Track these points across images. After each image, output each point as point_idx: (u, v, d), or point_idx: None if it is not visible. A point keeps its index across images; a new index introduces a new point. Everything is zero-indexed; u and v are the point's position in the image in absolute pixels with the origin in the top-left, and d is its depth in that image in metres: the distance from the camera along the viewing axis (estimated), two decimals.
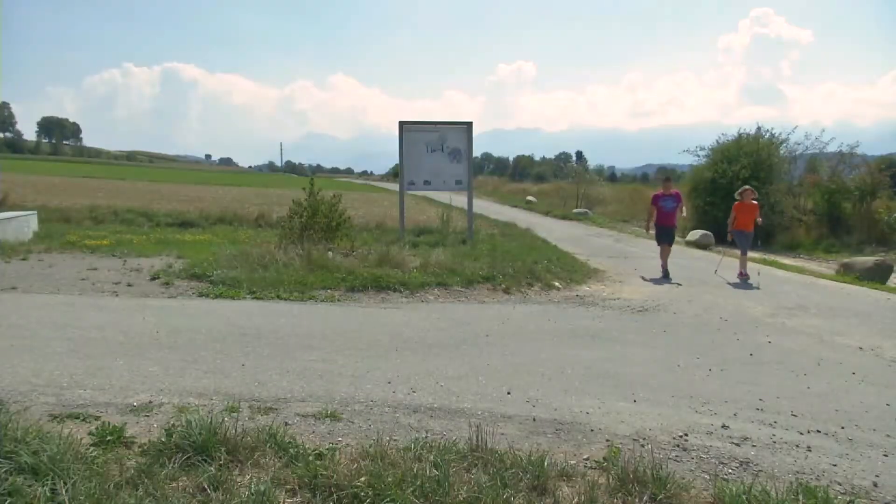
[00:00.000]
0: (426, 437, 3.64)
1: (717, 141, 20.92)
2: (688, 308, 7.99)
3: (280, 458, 3.19)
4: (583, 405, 4.35)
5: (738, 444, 3.79)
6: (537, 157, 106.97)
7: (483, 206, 24.56)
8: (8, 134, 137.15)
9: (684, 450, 3.67)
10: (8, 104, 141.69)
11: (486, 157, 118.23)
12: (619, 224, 22.59)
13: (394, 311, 7.17)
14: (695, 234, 17.19)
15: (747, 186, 11.49)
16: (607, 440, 3.75)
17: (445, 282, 8.36)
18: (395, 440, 3.58)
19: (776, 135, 20.27)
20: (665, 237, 11.11)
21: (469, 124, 12.71)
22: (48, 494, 2.68)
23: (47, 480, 2.75)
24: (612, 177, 63.34)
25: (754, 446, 3.78)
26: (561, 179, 40.46)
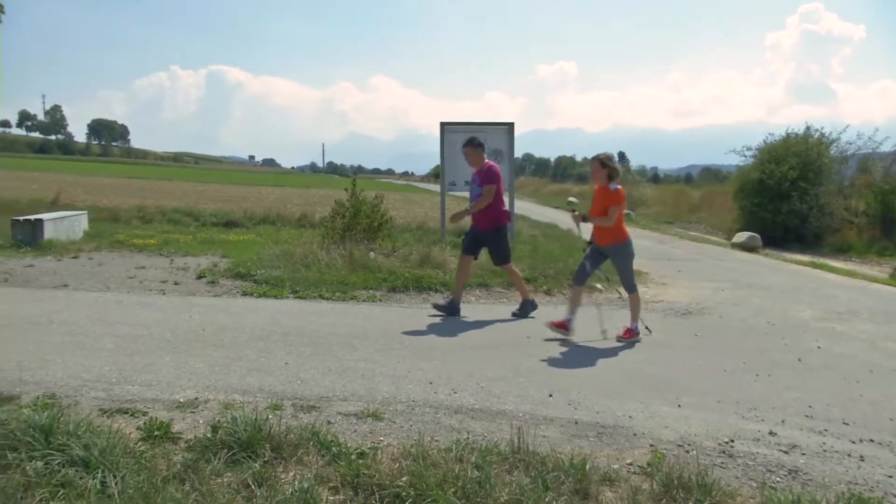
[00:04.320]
0: (467, 438, 3.64)
1: (764, 141, 20.47)
2: (734, 311, 7.84)
3: (323, 456, 3.22)
4: (626, 409, 4.29)
5: (786, 452, 3.70)
6: (578, 158, 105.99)
7: (524, 206, 24.49)
8: (59, 136, 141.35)
9: (730, 456, 3.60)
10: (60, 107, 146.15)
11: (527, 157, 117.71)
12: (663, 225, 22.29)
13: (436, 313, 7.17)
14: (741, 236, 16.87)
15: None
16: (651, 445, 3.70)
17: (486, 283, 8.35)
18: (436, 441, 3.58)
19: (826, 134, 19.76)
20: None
21: (510, 125, 12.68)
22: (98, 487, 2.75)
23: (97, 473, 2.82)
24: (654, 177, 62.61)
25: (804, 454, 3.68)
26: None
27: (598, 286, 8.69)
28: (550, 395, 4.50)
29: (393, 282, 8.07)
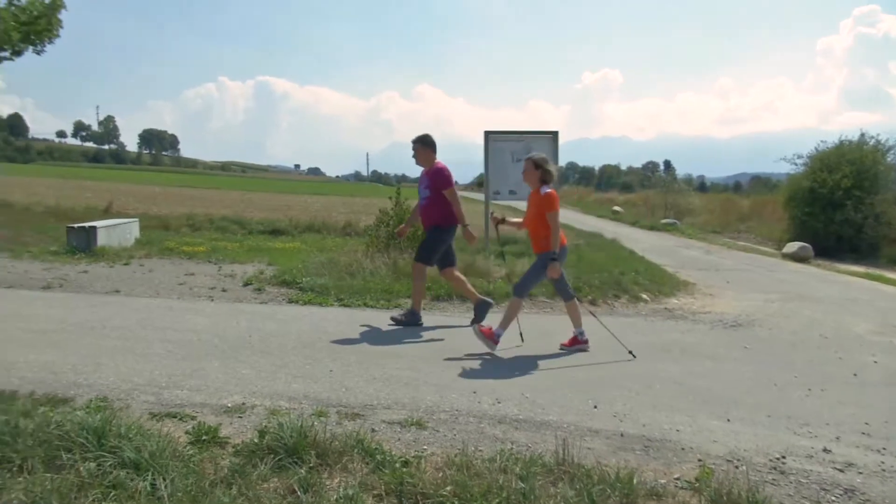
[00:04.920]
0: (511, 448, 3.61)
1: (816, 148, 19.92)
2: (785, 324, 7.65)
3: (367, 463, 3.23)
4: (673, 422, 4.22)
5: (841, 470, 3.58)
6: (623, 167, 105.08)
7: (568, 215, 24.30)
8: (112, 145, 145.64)
9: (782, 473, 3.50)
10: (112, 117, 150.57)
11: (571, 166, 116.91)
12: (710, 235, 21.90)
13: None
14: (792, 247, 16.47)
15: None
16: (699, 459, 3.62)
17: (531, 293, 8.28)
18: (480, 450, 3.57)
19: (882, 141, 19.16)
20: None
21: (555, 134, 12.62)
22: (148, 489, 2.81)
23: (147, 475, 2.88)
24: (701, 186, 61.55)
25: (860, 473, 3.56)
26: (648, 189, 39.62)
27: (644, 296, 8.57)
28: (595, 407, 4.45)
29: (437, 290, 8.09)
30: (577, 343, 6.07)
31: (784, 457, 3.71)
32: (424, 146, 7.02)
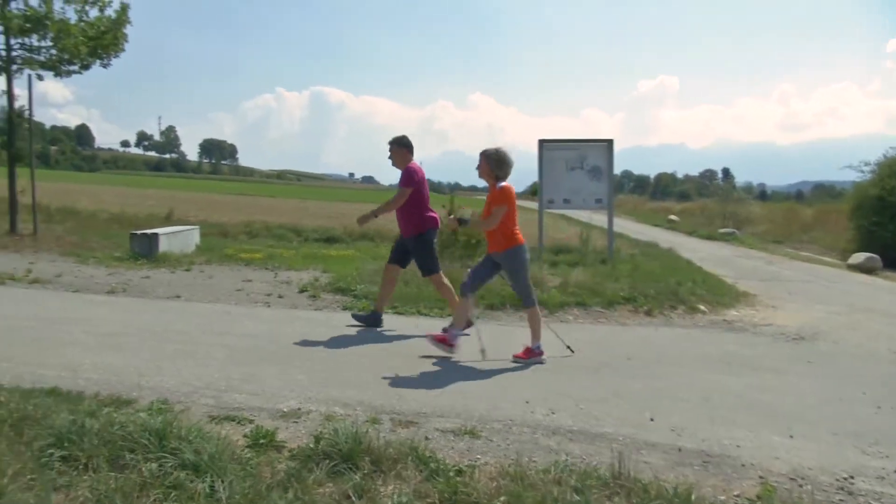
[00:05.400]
0: (566, 459, 3.57)
1: (884, 155, 19.22)
2: (851, 337, 7.38)
3: (421, 471, 3.23)
4: (732, 437, 4.10)
5: None
6: (680, 175, 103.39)
7: (623, 224, 24.00)
8: (174, 154, 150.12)
9: (850, 493, 3.37)
10: (174, 128, 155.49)
11: (626, 174, 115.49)
12: (771, 245, 21.32)
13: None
14: (858, 257, 15.89)
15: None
16: (760, 477, 3.52)
17: (585, 302, 8.20)
18: (534, 461, 3.53)
19: None
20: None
21: (610, 142, 12.50)
22: (207, 491, 2.86)
23: (206, 477, 2.94)
24: (761, 194, 60.06)
25: None
26: (705, 197, 38.84)
27: (702, 307, 8.38)
28: (652, 420, 4.36)
29: (490, 299, 8.06)
30: (531, 355, 5.79)
31: (852, 477, 3.57)
32: (399, 147, 6.98)
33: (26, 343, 5.62)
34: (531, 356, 5.78)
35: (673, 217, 32.84)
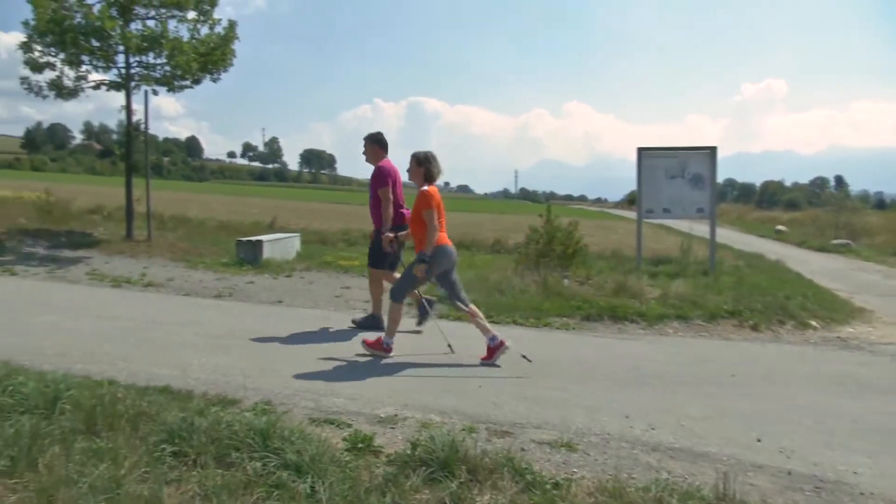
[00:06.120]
0: (667, 478, 3.45)
1: None
2: None
3: (517, 482, 3.20)
4: (849, 463, 3.85)
5: None
6: (788, 183, 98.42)
7: (726, 235, 23.11)
8: (276, 164, 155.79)
9: None
10: (277, 139, 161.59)
11: (729, 182, 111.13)
12: (891, 258, 20.01)
13: (630, 342, 6.95)
14: None
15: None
16: None
17: (686, 315, 7.92)
18: (633, 478, 3.44)
19: None
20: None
21: (713, 149, 12.06)
22: (308, 491, 2.93)
23: (307, 478, 3.02)
24: (879, 204, 56.70)
25: None
26: (817, 207, 36.91)
27: (813, 323, 7.94)
28: (759, 440, 4.16)
29: (587, 310, 7.92)
30: (494, 352, 5.75)
31: None
32: (372, 143, 6.98)
33: (141, 343, 5.94)
34: (378, 348, 5.86)
35: (781, 227, 31.34)
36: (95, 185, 32.62)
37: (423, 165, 5.88)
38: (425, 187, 5.86)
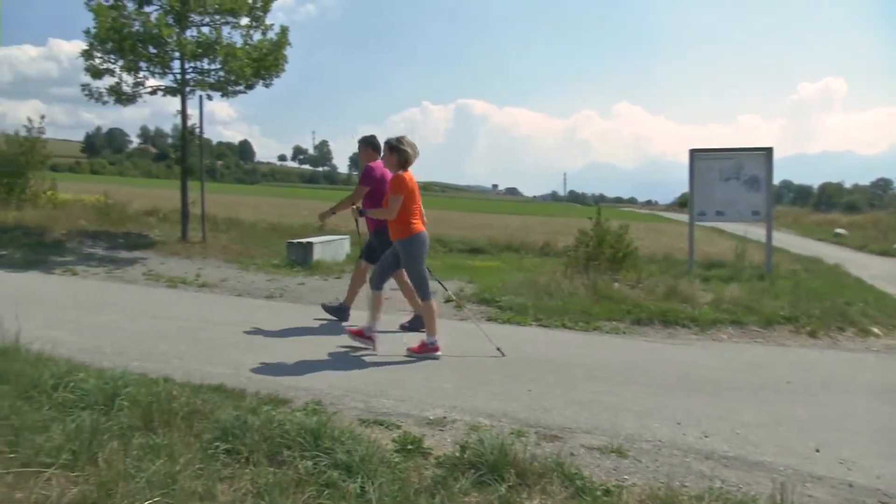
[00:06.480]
0: (720, 487, 3.38)
1: None
2: None
3: (566, 488, 3.17)
4: None
5: None
6: (848, 184, 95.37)
7: (782, 238, 22.53)
8: (326, 167, 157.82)
9: None
10: (326, 142, 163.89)
11: (786, 184, 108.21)
12: None
13: (682, 347, 6.83)
14: None
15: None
16: None
17: (740, 320, 7.73)
18: (685, 486, 3.37)
19: None
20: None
21: (769, 150, 11.76)
22: (358, 491, 2.95)
23: (357, 478, 3.04)
24: None
25: None
26: (878, 209, 35.75)
27: (875, 330, 7.68)
28: (817, 451, 4.04)
29: (637, 314, 7.80)
30: (425, 350, 5.87)
31: None
32: (366, 146, 7.16)
33: (196, 343, 6.08)
34: (425, 350, 5.84)
35: (840, 230, 30.38)
36: (151, 188, 33.47)
37: (396, 151, 5.92)
38: (399, 172, 5.94)
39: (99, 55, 11.83)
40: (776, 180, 12.64)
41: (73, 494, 2.77)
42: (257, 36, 12.50)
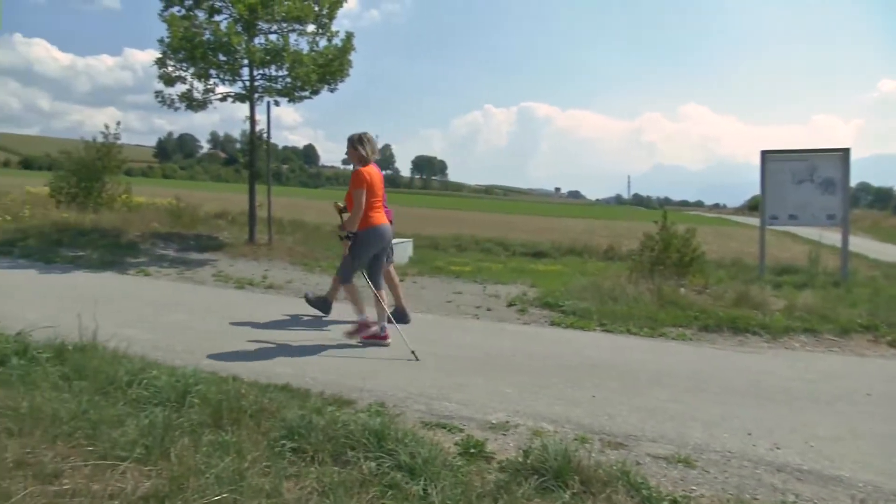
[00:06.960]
0: (794, 501, 3.26)
1: None
2: None
3: (632, 497, 3.11)
4: None
5: None
6: None
7: (859, 243, 21.66)
8: (389, 171, 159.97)
9: None
10: (389, 146, 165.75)
11: (863, 187, 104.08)
12: None
13: (752, 355, 6.61)
14: None
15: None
16: None
17: (814, 328, 7.45)
18: (756, 499, 3.27)
19: None
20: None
21: (845, 151, 11.31)
22: (421, 493, 2.96)
23: (420, 481, 3.05)
24: None
25: None
26: None
27: None
28: None
29: (705, 320, 7.60)
30: (370, 336, 6.24)
31: None
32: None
33: (262, 343, 6.21)
34: (363, 330, 6.24)
35: None
36: (220, 192, 34.46)
37: (357, 147, 6.32)
38: (359, 167, 6.25)
39: (171, 63, 12.23)
40: (853, 182, 12.12)
41: (146, 488, 2.86)
42: (323, 42, 12.71)
